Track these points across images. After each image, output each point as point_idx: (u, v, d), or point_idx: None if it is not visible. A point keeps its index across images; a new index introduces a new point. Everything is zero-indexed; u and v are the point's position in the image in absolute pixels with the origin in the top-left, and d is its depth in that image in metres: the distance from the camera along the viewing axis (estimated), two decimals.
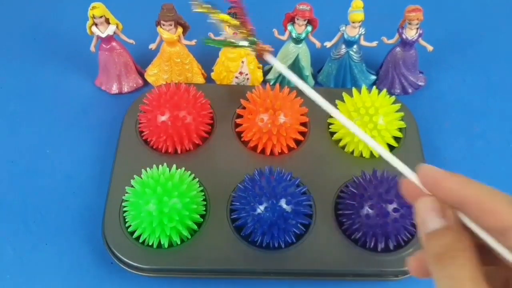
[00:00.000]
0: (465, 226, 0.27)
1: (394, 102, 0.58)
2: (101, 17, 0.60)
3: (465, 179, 0.27)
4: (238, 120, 0.59)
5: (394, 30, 0.63)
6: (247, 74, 0.65)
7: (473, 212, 0.26)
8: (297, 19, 0.60)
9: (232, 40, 0.39)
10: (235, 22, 0.38)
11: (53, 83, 0.68)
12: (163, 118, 0.56)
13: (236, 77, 0.65)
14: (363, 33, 0.62)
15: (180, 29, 0.61)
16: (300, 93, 0.59)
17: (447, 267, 0.25)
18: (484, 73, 0.71)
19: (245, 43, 0.38)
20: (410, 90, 0.68)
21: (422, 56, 0.66)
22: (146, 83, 0.68)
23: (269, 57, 0.38)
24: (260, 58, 0.38)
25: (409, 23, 0.61)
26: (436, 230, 0.26)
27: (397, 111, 0.58)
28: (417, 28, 0.62)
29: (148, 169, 0.52)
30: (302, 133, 0.59)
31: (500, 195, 0.26)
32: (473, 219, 0.26)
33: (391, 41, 0.64)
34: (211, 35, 0.63)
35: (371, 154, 0.58)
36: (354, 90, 0.59)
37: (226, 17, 0.38)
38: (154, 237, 0.50)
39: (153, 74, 0.67)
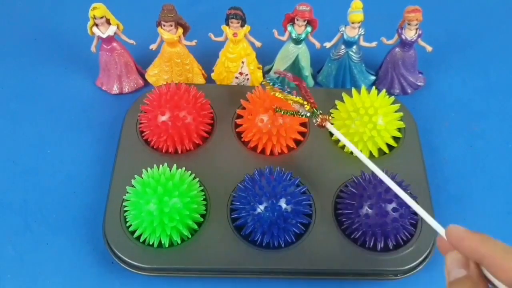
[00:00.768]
0: (487, 279, 0.31)
1: (393, 103, 0.58)
2: (101, 17, 0.60)
3: (485, 237, 0.31)
4: (238, 121, 0.60)
5: (394, 30, 0.63)
6: (247, 75, 0.66)
7: (489, 267, 0.31)
8: (297, 20, 0.61)
9: (299, 111, 0.53)
10: (299, 99, 0.53)
11: (54, 83, 0.68)
12: (164, 118, 0.56)
13: (236, 78, 0.66)
14: (363, 33, 0.62)
15: (180, 30, 0.62)
16: (299, 93, 0.60)
17: None
18: (483, 73, 0.71)
19: (308, 114, 0.53)
20: (409, 90, 0.68)
21: (421, 57, 0.66)
22: (146, 83, 0.68)
23: (329, 126, 0.52)
24: (321, 127, 0.52)
25: (409, 24, 0.61)
26: (457, 278, 0.32)
27: (396, 111, 0.58)
28: (416, 29, 0.62)
29: (148, 169, 0.52)
30: (302, 133, 0.60)
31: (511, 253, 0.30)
32: (491, 273, 0.31)
33: (390, 42, 0.64)
34: (211, 35, 0.63)
35: (371, 154, 0.58)
36: (353, 90, 0.59)
37: (293, 98, 0.54)
38: (154, 236, 0.50)
39: (153, 74, 0.67)
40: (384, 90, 0.59)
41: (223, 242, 0.51)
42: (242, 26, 0.61)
